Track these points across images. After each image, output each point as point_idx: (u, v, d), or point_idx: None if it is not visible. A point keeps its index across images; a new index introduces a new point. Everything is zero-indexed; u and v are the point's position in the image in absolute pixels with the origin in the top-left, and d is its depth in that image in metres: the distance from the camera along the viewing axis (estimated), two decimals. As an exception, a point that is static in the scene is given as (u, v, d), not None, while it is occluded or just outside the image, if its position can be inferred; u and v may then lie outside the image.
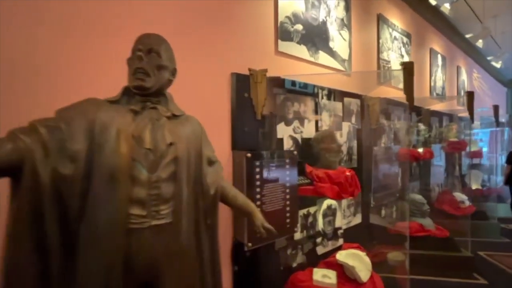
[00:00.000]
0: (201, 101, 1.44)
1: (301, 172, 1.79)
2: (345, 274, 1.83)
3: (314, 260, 1.96)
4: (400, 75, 1.55)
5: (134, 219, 0.80)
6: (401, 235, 2.68)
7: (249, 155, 1.38)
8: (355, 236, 2.29)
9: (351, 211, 2.31)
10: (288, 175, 1.57)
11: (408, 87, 1.50)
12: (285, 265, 1.77)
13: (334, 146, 1.79)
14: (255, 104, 1.60)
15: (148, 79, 0.87)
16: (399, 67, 1.55)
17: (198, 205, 0.96)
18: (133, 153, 0.80)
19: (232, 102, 1.55)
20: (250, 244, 1.36)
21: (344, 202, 2.24)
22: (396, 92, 3.11)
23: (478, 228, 3.45)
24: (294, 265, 1.83)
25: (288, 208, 1.56)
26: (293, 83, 1.89)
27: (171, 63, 0.96)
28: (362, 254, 1.92)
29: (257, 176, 1.41)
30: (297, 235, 1.84)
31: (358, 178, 1.94)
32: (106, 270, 0.77)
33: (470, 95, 2.47)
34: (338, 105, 2.19)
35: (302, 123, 1.87)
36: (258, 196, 1.41)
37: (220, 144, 1.51)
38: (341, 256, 1.86)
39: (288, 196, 1.56)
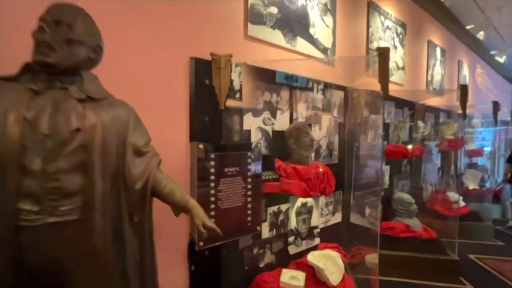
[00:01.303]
0: (154, 88, 1.32)
1: (272, 167, 1.67)
2: (315, 276, 1.72)
3: (286, 260, 1.85)
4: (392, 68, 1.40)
5: (25, 215, 0.69)
6: (383, 236, 2.57)
7: (201, 146, 1.26)
8: (333, 236, 2.18)
9: (329, 209, 2.19)
10: (250, 170, 1.45)
11: (383, 75, 1.36)
12: (251, 265, 1.66)
13: (306, 139, 1.66)
14: (217, 93, 1.48)
15: (52, 54, 0.75)
16: (391, 62, 1.41)
17: (119, 200, 0.85)
18: (25, 139, 0.69)
19: (191, 90, 1.43)
20: (201, 244, 1.25)
21: (322, 199, 2.12)
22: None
23: (470, 229, 3.31)
24: (261, 265, 1.72)
25: (249, 205, 1.45)
26: (287, 76, 1.77)
27: (91, 38, 0.84)
28: (336, 255, 1.81)
29: (212, 170, 1.30)
30: (265, 234, 1.73)
31: (335, 175, 1.82)
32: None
33: (464, 88, 2.31)
34: (318, 96, 2.04)
35: (274, 114, 1.74)
36: (212, 192, 1.30)
37: (176, 135, 1.39)
38: (312, 256, 1.76)
39: (249, 193, 1.44)
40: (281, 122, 1.78)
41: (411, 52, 3.40)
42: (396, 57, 3.09)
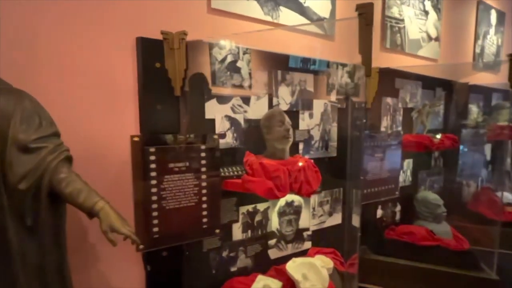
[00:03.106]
0: (94, 76, 1.19)
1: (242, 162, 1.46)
2: (294, 287, 1.50)
3: (266, 265, 1.65)
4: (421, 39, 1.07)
5: None
6: (400, 242, 2.17)
7: (136, 139, 1.11)
8: (330, 240, 1.90)
9: (325, 209, 1.89)
10: (206, 165, 1.26)
11: (365, 43, 1.02)
12: (220, 269, 1.51)
13: (280, 129, 1.39)
14: (171, 77, 1.30)
15: None
16: (420, 32, 1.07)
17: (1, 203, 0.75)
18: None
19: (139, 75, 1.27)
20: (141, 246, 1.12)
21: (315, 199, 1.83)
22: (410, 60, 2.43)
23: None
24: (234, 269, 1.55)
25: (205, 205, 1.27)
26: (302, 60, 1.59)
27: None
28: (320, 264, 1.54)
29: (152, 166, 1.14)
30: (238, 235, 1.55)
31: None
32: None
33: (514, 58, 1.73)
34: (308, 77, 1.72)
35: (246, 100, 1.50)
36: (154, 190, 1.15)
37: (123, 127, 1.25)
38: (292, 264, 1.53)
39: (205, 191, 1.26)
40: (257, 110, 1.53)
41: (450, 18, 2.73)
42: (427, 25, 2.50)
